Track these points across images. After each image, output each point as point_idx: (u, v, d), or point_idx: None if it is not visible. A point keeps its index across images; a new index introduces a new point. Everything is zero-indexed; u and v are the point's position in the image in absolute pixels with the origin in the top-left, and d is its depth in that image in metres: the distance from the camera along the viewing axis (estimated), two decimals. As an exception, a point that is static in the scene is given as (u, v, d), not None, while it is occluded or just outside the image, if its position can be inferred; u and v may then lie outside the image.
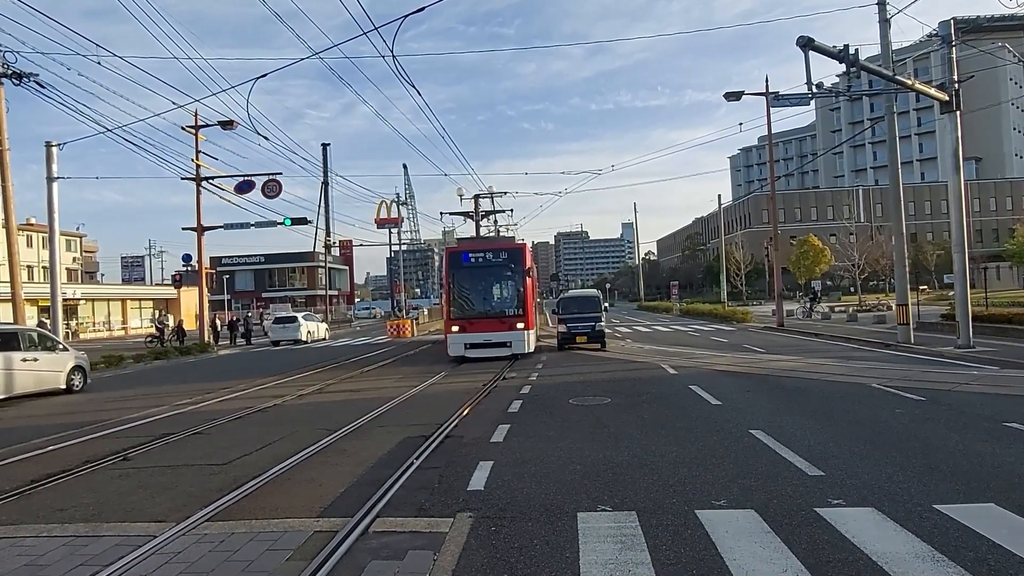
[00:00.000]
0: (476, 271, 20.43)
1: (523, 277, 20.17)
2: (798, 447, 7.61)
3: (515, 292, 20.38)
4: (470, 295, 20.43)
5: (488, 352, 19.54)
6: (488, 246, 22.31)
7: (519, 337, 19.76)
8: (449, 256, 21.24)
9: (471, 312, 20.10)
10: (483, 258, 20.52)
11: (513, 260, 20.50)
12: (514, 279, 20.47)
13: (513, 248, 21.65)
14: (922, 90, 18.01)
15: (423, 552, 4.87)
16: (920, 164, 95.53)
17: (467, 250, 21.11)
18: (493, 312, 20.11)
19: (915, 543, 4.68)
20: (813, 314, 36.08)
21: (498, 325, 19.68)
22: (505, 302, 20.49)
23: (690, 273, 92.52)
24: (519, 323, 19.71)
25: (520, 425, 9.72)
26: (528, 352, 20.18)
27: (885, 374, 13.63)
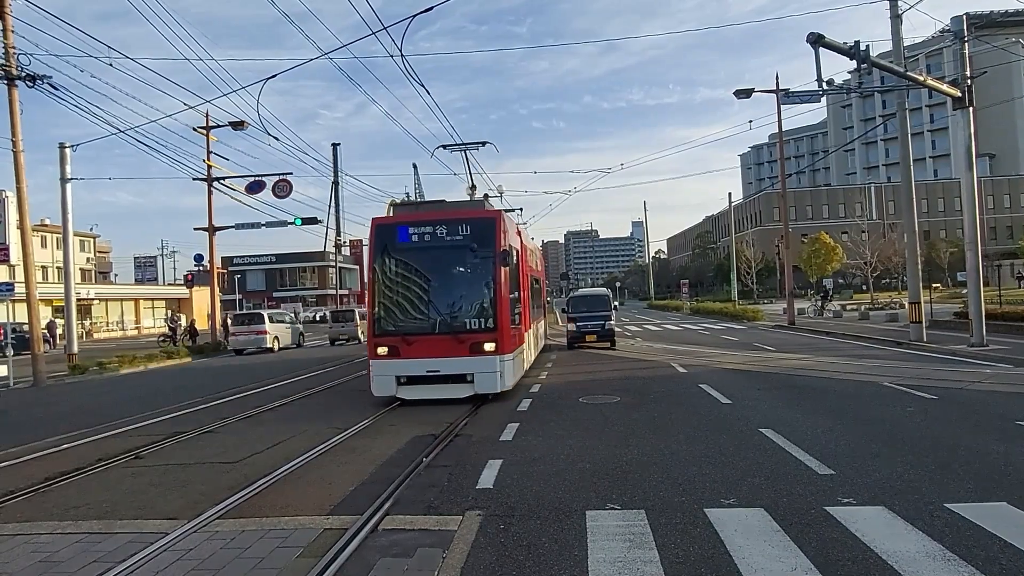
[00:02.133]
0: (419, 256, 12.14)
1: (495, 265, 11.78)
2: (808, 446, 7.57)
3: (482, 291, 11.97)
4: (407, 296, 12.15)
5: (436, 392, 11.73)
6: (439, 215, 12.70)
7: (487, 366, 11.58)
8: (376, 232, 12.32)
9: (409, 324, 11.92)
10: (430, 234, 12.04)
11: (479, 237, 11.99)
12: (481, 269, 12.06)
13: (479, 218, 12.40)
14: (934, 86, 17.88)
15: (432, 550, 4.89)
16: (933, 161, 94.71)
17: (405, 222, 12.30)
18: (445, 325, 11.81)
19: (926, 542, 4.65)
20: (824, 312, 35.89)
21: (452, 347, 11.58)
22: (465, 308, 11.98)
23: (701, 271, 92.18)
24: (488, 342, 11.59)
25: (529, 423, 9.72)
26: (504, 390, 11.95)
27: (897, 372, 13.54)
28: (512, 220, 15.17)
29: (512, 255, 12.49)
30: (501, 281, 11.79)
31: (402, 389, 11.75)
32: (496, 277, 11.78)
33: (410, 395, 11.71)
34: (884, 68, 16.64)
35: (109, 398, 16.07)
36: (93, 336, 47.60)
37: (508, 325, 11.89)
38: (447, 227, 12.05)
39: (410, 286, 12.18)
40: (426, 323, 11.88)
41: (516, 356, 12.81)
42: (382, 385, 11.82)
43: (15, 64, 18.90)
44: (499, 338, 11.63)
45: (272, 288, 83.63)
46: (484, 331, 11.62)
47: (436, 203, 13.80)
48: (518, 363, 13.15)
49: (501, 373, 11.69)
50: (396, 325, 11.91)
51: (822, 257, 58.65)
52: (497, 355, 11.62)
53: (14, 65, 18.89)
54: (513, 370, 12.39)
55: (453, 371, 11.62)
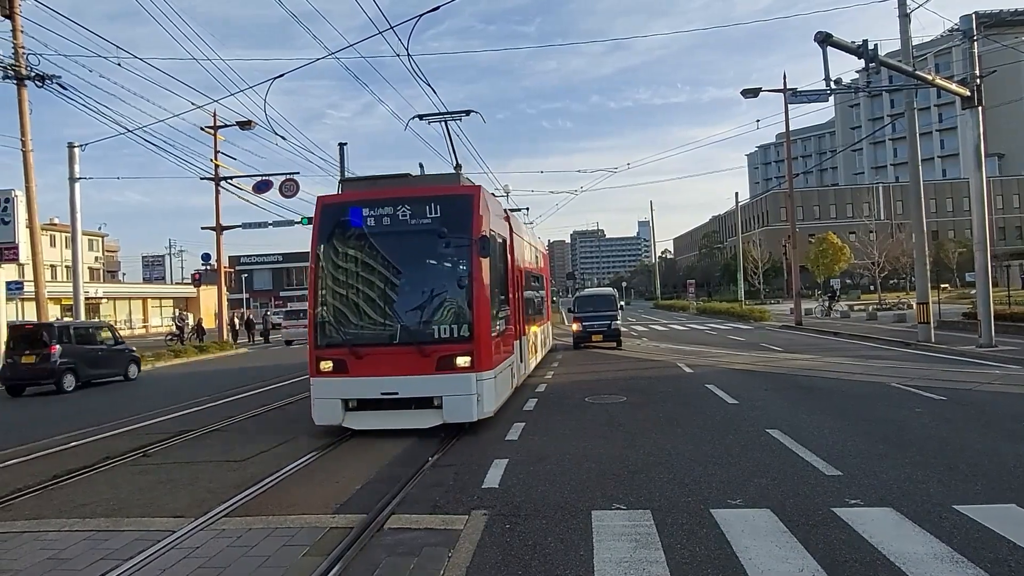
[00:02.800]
0: (374, 244, 9.59)
1: (472, 255, 9.30)
2: (815, 446, 7.54)
3: (454, 289, 9.42)
4: (359, 296, 9.67)
5: (392, 420, 9.20)
6: (400, 192, 9.89)
7: (459, 387, 9.03)
8: (322, 214, 9.92)
9: (360, 332, 9.42)
10: (390, 217, 9.51)
11: (452, 219, 9.44)
12: (453, 260, 9.66)
13: (451, 196, 9.80)
14: (943, 85, 17.78)
15: (437, 549, 4.89)
16: (941, 161, 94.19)
17: (357, 201, 9.75)
18: (406, 333, 9.23)
19: (934, 544, 4.62)
20: (832, 313, 35.76)
21: (415, 361, 9.03)
22: (433, 311, 9.36)
23: (707, 271, 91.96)
24: (461, 356, 9.08)
25: (535, 423, 9.72)
26: (483, 418, 9.31)
27: (905, 373, 13.48)
28: (498, 202, 12.39)
29: (496, 243, 10.18)
30: (480, 276, 9.19)
31: (351, 416, 9.11)
32: (474, 271, 9.17)
33: (359, 424, 9.10)
34: (892, 67, 16.56)
35: (117, 396, 16.15)
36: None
37: (488, 333, 9.27)
38: (411, 207, 9.36)
39: (362, 283, 9.58)
40: (381, 331, 9.30)
41: (500, 373, 10.01)
42: (324, 411, 9.19)
43: (24, 64, 19.03)
44: (476, 350, 8.97)
45: (279, 287, 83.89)
46: (456, 341, 8.99)
47: (398, 177, 10.24)
48: (503, 382, 10.29)
49: (479, 396, 8.93)
50: (344, 333, 9.29)
51: (829, 257, 58.35)
52: (473, 372, 8.89)
53: (23, 65, 19.02)
54: (495, 392, 9.51)
55: (415, 393, 9.00)
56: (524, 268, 14.33)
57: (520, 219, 22.49)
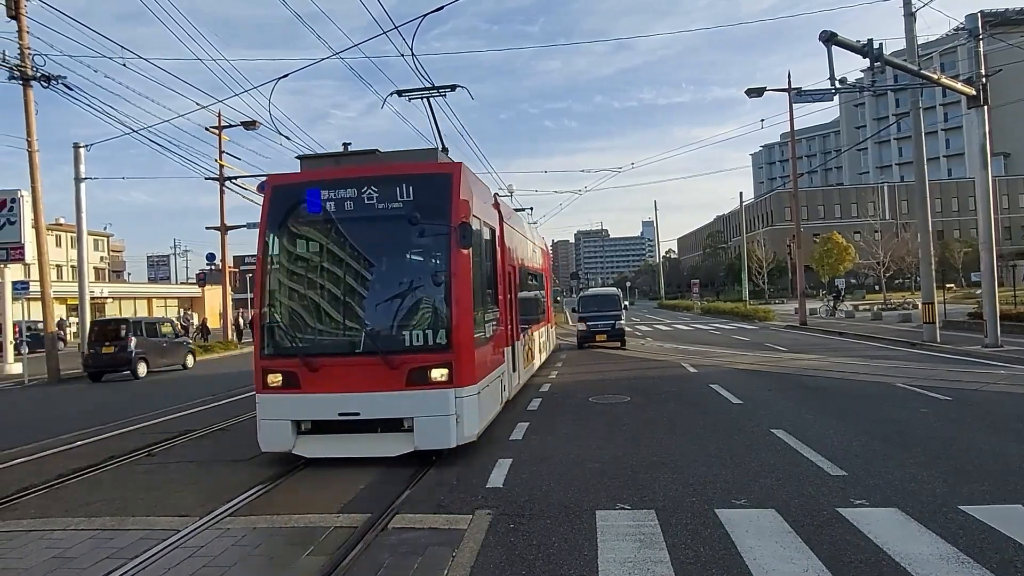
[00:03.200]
0: (334, 234, 8.20)
1: (451, 246, 7.81)
2: (820, 447, 7.52)
3: (430, 288, 7.89)
4: (314, 296, 8.29)
5: (353, 447, 7.72)
6: (366, 171, 8.30)
7: (434, 406, 7.56)
8: (273, 198, 8.46)
9: (314, 340, 8.03)
10: (353, 200, 8.02)
11: (427, 204, 7.96)
12: (429, 253, 8.25)
13: (426, 175, 8.25)
14: (948, 85, 17.73)
15: (441, 548, 4.89)
16: (947, 160, 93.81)
17: (315, 182, 8.26)
18: (371, 341, 7.74)
19: (940, 544, 4.61)
20: (836, 312, 35.67)
21: (381, 375, 7.57)
22: (403, 314, 7.91)
23: (711, 271, 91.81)
24: (437, 368, 7.63)
25: (539, 423, 9.72)
26: (465, 442, 7.79)
27: (910, 373, 13.43)
28: (486, 187, 10.39)
29: (482, 233, 8.80)
30: (461, 271, 7.68)
31: (303, 441, 7.61)
32: (453, 264, 7.64)
33: (313, 450, 7.58)
34: (897, 66, 16.51)
35: (123, 395, 16.20)
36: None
37: (470, 340, 7.73)
38: (378, 189, 7.82)
39: (319, 279, 8.12)
40: (341, 338, 7.85)
41: (486, 388, 8.41)
42: (272, 435, 7.68)
43: (30, 65, 19.10)
44: (455, 361, 7.45)
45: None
46: (432, 350, 7.50)
47: (365, 154, 8.69)
48: (489, 398, 8.68)
49: (458, 417, 7.43)
50: (296, 340, 7.79)
51: (834, 257, 58.21)
52: (451, 388, 7.40)
53: (29, 66, 19.08)
54: (479, 411, 7.92)
55: (381, 413, 7.50)
56: (519, 264, 12.81)
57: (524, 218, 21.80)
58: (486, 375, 8.55)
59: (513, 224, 12.63)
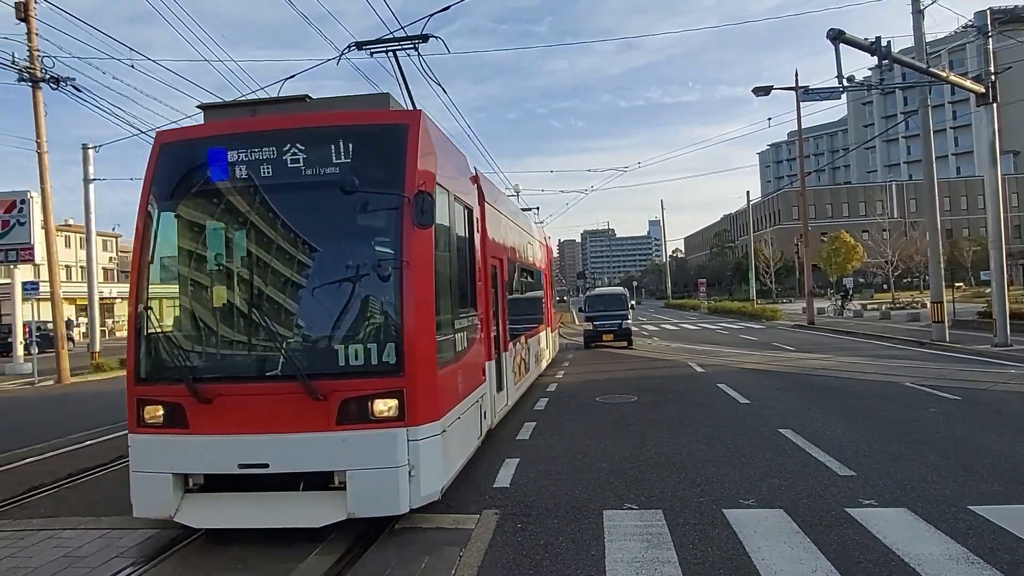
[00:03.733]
0: (242, 206, 5.83)
1: (402, 224, 5.49)
2: (829, 446, 7.49)
3: (372, 283, 5.46)
4: (210, 294, 5.99)
5: (260, 514, 5.21)
6: (288, 123, 5.89)
7: (378, 452, 5.19)
8: (160, 159, 6.02)
9: (208, 357, 5.75)
10: (270, 163, 5.70)
11: (370, 167, 5.59)
12: (371, 234, 5.93)
13: (369, 129, 5.93)
14: (957, 82, 17.61)
15: (449, 548, 4.90)
16: (956, 158, 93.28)
17: (218, 137, 5.91)
18: (290, 359, 5.33)
19: (949, 545, 4.58)
20: (844, 312, 35.53)
21: (301, 408, 5.20)
22: (333, 320, 5.51)
23: (718, 271, 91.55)
24: (382, 398, 5.26)
25: (546, 423, 9.71)
26: (424, 504, 5.39)
27: (919, 373, 13.36)
28: (461, 154, 7.95)
29: (453, 211, 6.67)
30: (418, 259, 5.47)
31: (191, 504, 5.35)
32: (407, 250, 5.43)
33: (204, 519, 5.30)
34: (906, 64, 16.42)
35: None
36: (116, 335, 48.25)
37: (431, 357, 5.55)
38: (306, 147, 5.67)
39: (219, 273, 5.91)
40: (246, 355, 5.64)
41: (457, 421, 6.23)
42: (147, 492, 5.41)
43: (39, 66, 19.20)
44: (410, 387, 5.29)
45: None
46: (375, 372, 5.33)
47: (292, 101, 6.57)
48: (461, 435, 6.41)
49: (412, 469, 5.25)
50: (183, 359, 5.54)
51: (842, 256, 57.93)
52: (403, 427, 5.25)
53: (38, 67, 19.19)
54: (443, 456, 5.68)
55: (299, 465, 5.25)
56: (509, 257, 10.66)
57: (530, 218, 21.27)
58: (456, 403, 6.19)
59: (500, 208, 10.34)
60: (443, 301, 6.01)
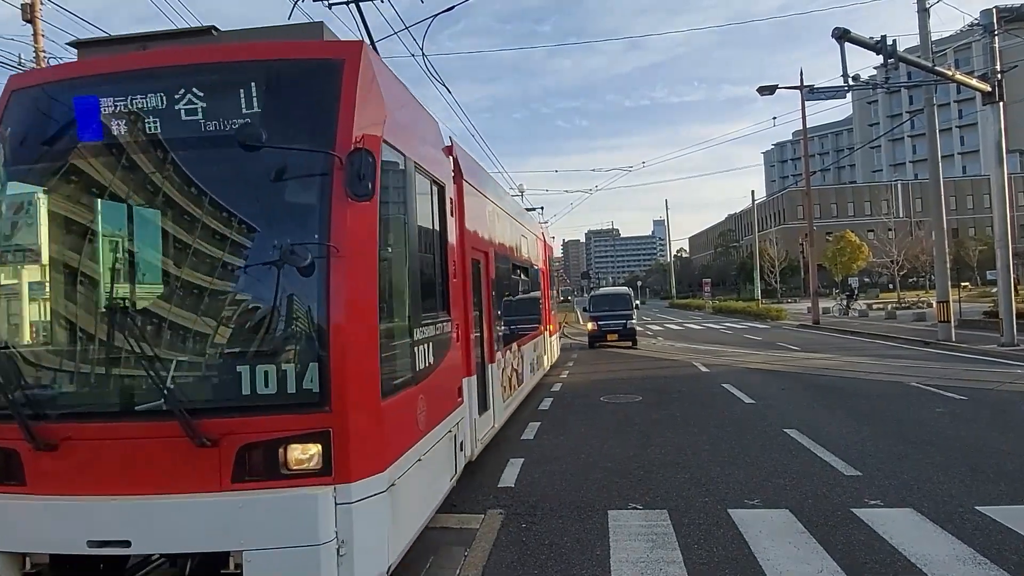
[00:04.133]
0: (119, 172, 4.14)
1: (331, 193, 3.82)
2: (834, 446, 7.47)
3: (289, 279, 3.75)
4: (64, 298, 4.33)
5: None
6: (182, 58, 4.13)
7: (289, 526, 3.51)
8: (11, 108, 4.28)
9: (56, 387, 4.02)
10: (156, 114, 3.96)
11: (291, 116, 4.04)
12: (292, 210, 4.14)
13: (293, 64, 4.19)
14: (963, 81, 17.56)
15: (454, 548, 4.90)
16: (961, 157, 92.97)
17: (89, 80, 4.18)
18: (162, 388, 3.61)
19: (956, 545, 4.57)
20: (850, 312, 35.43)
21: (181, 459, 3.60)
22: (229, 332, 3.97)
23: (723, 270, 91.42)
24: (296, 444, 3.66)
25: (550, 423, 9.71)
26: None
27: (925, 372, 13.32)
28: (429, 115, 6.19)
29: (410, 183, 4.90)
30: (352, 244, 3.89)
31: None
32: (339, 233, 3.84)
33: None
34: (911, 63, 16.38)
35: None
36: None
37: (373, 382, 3.97)
38: (206, 90, 4.06)
39: (74, 268, 4.40)
40: (104, 383, 4.09)
41: (417, 465, 4.61)
42: None
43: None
44: (339, 426, 3.72)
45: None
46: (287, 406, 3.73)
47: (193, 34, 4.77)
48: (420, 488, 4.75)
49: (341, 546, 3.65)
50: (16, 385, 3.92)
51: (847, 256, 57.84)
52: (331, 485, 3.68)
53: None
54: (392, 523, 4.09)
55: (175, 544, 3.70)
56: (497, 250, 9.07)
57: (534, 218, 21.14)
58: (415, 441, 4.53)
59: (487, 192, 8.60)
60: (396, 303, 4.41)
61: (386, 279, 4.26)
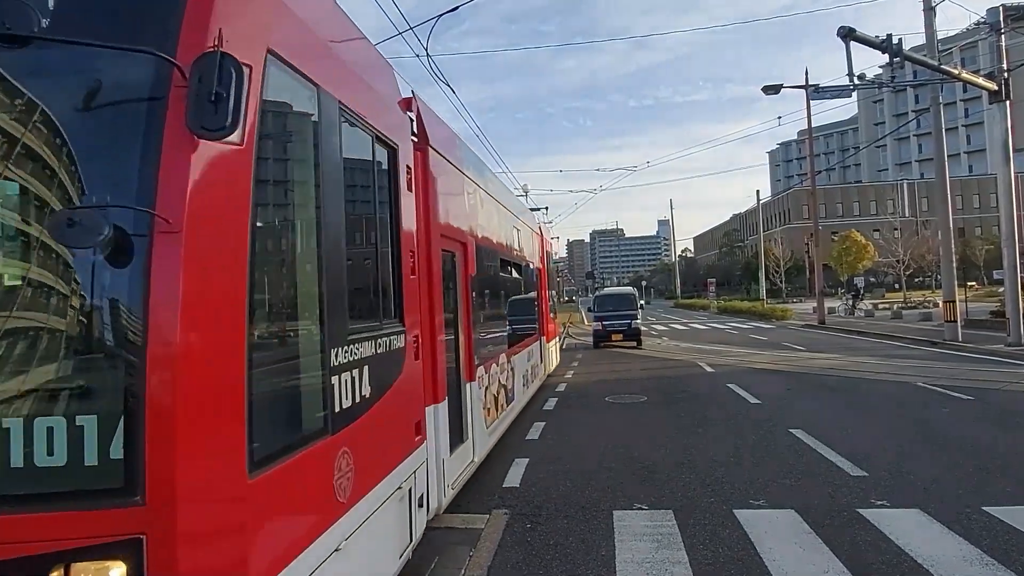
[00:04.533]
0: None
1: (166, 125, 2.20)
2: (840, 447, 7.44)
3: (88, 267, 2.18)
4: None
5: None
6: None
7: None
8: None
9: None
10: None
11: (100, 9, 2.32)
12: (100, 151, 2.33)
13: None
14: (969, 79, 17.48)
15: (459, 548, 4.90)
16: (968, 156, 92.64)
17: None
18: None
19: (963, 546, 4.54)
20: (856, 311, 35.29)
21: None
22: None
23: (728, 270, 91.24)
24: (96, 568, 2.01)
25: (555, 423, 9.70)
26: None
27: (931, 372, 13.26)
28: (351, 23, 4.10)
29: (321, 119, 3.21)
30: (192, 216, 2.22)
31: None
32: (166, 199, 2.19)
33: None
34: (917, 62, 16.31)
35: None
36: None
37: (225, 455, 2.33)
38: None
39: None
40: None
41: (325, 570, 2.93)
42: None
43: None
44: (161, 534, 2.10)
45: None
46: (65, 497, 2.11)
47: None
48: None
49: None
50: None
51: (853, 255, 57.67)
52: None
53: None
54: None
55: None
56: (479, 242, 7.45)
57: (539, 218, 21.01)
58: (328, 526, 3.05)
59: (465, 168, 6.94)
60: (293, 308, 3.11)
61: (272, 272, 2.92)
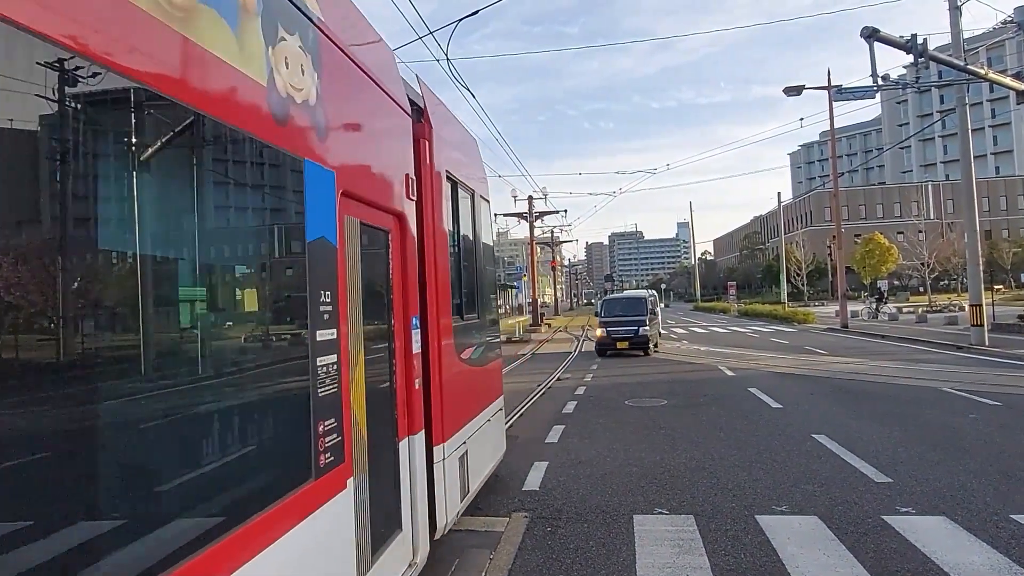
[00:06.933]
0: None
1: None
2: (864, 452, 7.36)
3: None
4: None
5: None
6: None
7: None
8: None
9: None
10: None
11: None
12: None
13: None
14: (997, 80, 17.20)
15: (479, 551, 4.91)
16: (994, 157, 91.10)
17: None
18: None
19: (991, 554, 4.47)
20: (879, 315, 34.84)
21: None
22: None
23: (748, 273, 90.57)
24: None
25: (575, 426, 9.68)
26: None
27: (957, 377, 13.06)
28: None
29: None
30: None
31: None
32: None
33: None
34: (942, 62, 16.08)
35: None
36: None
37: None
38: None
39: None
40: None
41: None
42: None
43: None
44: None
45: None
46: None
47: None
48: None
49: None
50: None
51: (876, 258, 56.95)
52: None
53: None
54: None
55: None
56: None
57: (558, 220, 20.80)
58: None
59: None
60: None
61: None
